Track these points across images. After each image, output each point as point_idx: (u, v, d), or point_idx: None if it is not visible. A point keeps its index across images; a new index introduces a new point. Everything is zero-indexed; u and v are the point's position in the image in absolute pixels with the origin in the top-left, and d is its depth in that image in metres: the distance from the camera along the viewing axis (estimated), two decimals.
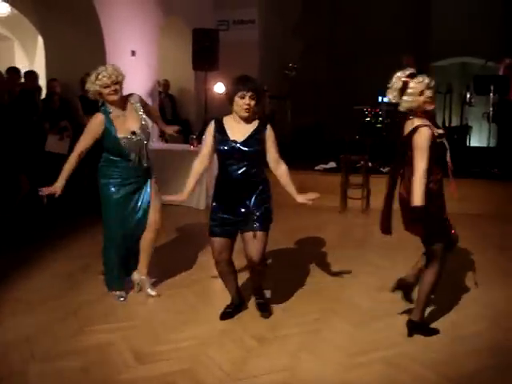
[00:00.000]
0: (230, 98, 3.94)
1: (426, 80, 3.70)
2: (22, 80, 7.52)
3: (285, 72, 9.67)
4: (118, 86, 4.31)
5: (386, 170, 8.84)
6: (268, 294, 4.64)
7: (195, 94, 10.90)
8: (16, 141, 6.33)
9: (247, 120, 3.98)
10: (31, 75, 7.97)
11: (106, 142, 4.39)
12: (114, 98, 4.33)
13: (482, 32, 12.43)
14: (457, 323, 4.26)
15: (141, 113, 4.48)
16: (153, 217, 4.61)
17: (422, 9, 12.97)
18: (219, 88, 10.57)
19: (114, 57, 8.62)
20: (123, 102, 4.44)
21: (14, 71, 7.11)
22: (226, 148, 3.95)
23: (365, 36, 12.89)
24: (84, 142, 4.36)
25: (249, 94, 3.87)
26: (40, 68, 9.24)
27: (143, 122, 4.47)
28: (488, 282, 5.21)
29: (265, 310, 4.40)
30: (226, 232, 4.05)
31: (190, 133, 8.90)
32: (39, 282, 5.08)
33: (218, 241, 4.06)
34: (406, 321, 4.04)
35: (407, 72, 3.73)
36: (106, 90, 4.29)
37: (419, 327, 3.99)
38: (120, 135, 4.34)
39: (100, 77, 4.27)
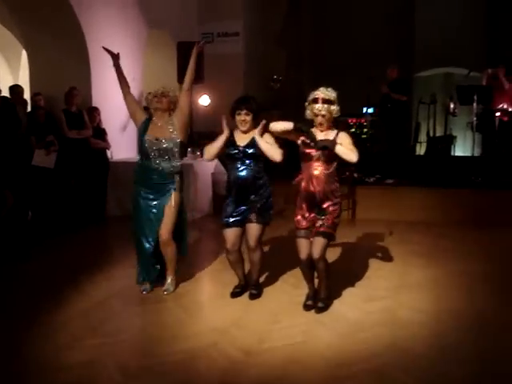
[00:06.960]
0: (231, 114, 4.86)
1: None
2: (2, 93, 7.46)
3: (270, 84, 9.71)
4: (163, 99, 5.05)
5: (371, 180, 8.90)
6: None
7: None
8: None
9: (248, 129, 4.84)
10: (16, 89, 7.94)
11: (138, 139, 5.14)
12: (156, 105, 5.07)
13: (465, 42, 12.58)
14: (441, 333, 4.28)
15: (171, 128, 5.06)
16: (160, 229, 5.04)
17: (405, 20, 13.08)
18: (204, 100, 10.59)
19: (99, 70, 8.59)
20: (166, 116, 5.10)
21: None
22: (232, 151, 4.84)
23: (348, 47, 12.96)
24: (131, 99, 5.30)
25: (244, 111, 4.80)
26: (24, 82, 9.19)
27: (172, 135, 5.04)
28: (473, 291, 5.25)
29: (254, 299, 5.02)
30: (235, 222, 4.85)
31: None
32: (24, 297, 5.03)
33: (230, 231, 4.87)
34: (392, 331, 4.04)
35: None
36: (154, 99, 5.07)
37: None
38: (147, 137, 5.02)
39: (154, 90, 5.14)
